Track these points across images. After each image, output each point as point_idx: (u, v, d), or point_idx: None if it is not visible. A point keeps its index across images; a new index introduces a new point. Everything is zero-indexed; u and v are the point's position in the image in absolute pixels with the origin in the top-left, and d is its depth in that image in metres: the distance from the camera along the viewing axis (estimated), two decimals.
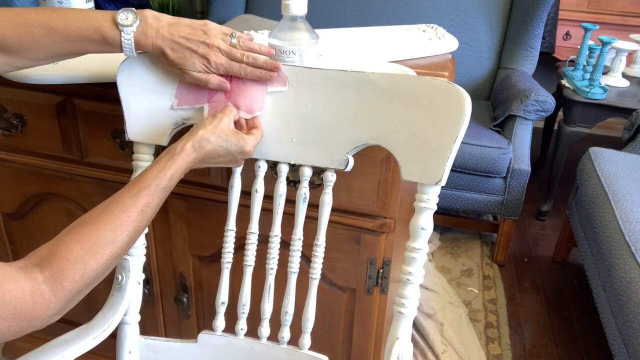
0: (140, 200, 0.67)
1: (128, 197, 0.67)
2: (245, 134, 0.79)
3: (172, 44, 0.73)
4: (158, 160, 0.71)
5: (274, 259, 0.84)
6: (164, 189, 0.70)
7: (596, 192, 1.66)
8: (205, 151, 0.73)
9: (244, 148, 0.76)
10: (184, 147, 0.72)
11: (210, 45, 0.73)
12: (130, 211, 0.66)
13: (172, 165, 0.70)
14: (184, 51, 0.73)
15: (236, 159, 0.78)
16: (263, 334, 0.87)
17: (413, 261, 0.76)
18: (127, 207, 0.66)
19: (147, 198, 0.68)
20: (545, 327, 1.80)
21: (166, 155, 0.72)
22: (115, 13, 0.71)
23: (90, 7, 1.11)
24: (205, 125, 0.74)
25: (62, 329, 0.83)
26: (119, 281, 0.84)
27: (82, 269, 0.60)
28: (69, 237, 0.62)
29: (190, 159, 0.72)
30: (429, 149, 0.72)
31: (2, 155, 1.13)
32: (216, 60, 0.74)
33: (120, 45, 0.72)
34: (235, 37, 0.75)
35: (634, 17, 2.96)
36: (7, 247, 1.27)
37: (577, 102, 2.15)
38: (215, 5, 2.52)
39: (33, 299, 0.56)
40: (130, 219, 0.65)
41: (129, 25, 0.71)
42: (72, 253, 0.60)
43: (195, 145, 0.72)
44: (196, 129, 0.74)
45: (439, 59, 1.10)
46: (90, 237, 0.62)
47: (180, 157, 0.71)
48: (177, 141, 0.73)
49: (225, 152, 0.76)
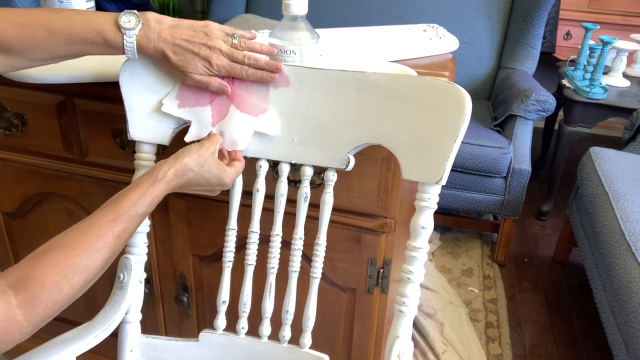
0: (117, 226, 0.66)
1: (106, 222, 0.66)
2: (227, 164, 0.80)
3: (174, 46, 0.73)
4: (139, 182, 0.70)
5: (274, 258, 0.84)
6: (142, 215, 0.69)
7: (597, 192, 1.66)
8: (186, 179, 0.74)
9: (224, 181, 0.77)
10: (166, 173, 0.71)
11: (211, 47, 0.73)
12: (107, 237, 0.65)
13: (152, 192, 0.70)
14: (186, 54, 0.73)
15: (214, 189, 0.79)
16: (264, 333, 0.87)
17: (413, 260, 0.76)
18: (104, 232, 0.65)
19: (125, 224, 0.67)
20: (546, 327, 1.80)
21: (148, 178, 0.71)
22: (117, 16, 0.71)
23: (91, 7, 1.11)
24: (191, 153, 0.74)
25: (62, 329, 0.83)
26: (120, 280, 0.84)
27: (57, 295, 0.60)
28: (45, 260, 0.61)
29: (171, 186, 0.72)
30: (429, 148, 0.73)
31: (3, 154, 1.13)
32: (218, 62, 0.74)
33: (122, 48, 0.72)
34: (236, 37, 0.75)
35: (635, 17, 2.96)
36: (7, 247, 1.27)
37: (577, 102, 2.15)
38: (215, 5, 2.52)
39: (6, 323, 0.56)
40: (106, 245, 0.65)
41: (132, 29, 0.71)
42: (48, 278, 0.59)
43: (178, 172, 0.72)
44: (182, 156, 0.73)
45: (440, 58, 1.10)
46: (66, 262, 0.61)
47: (162, 183, 0.71)
48: (160, 163, 0.73)
49: (205, 182, 0.76)
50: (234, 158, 0.81)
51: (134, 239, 0.85)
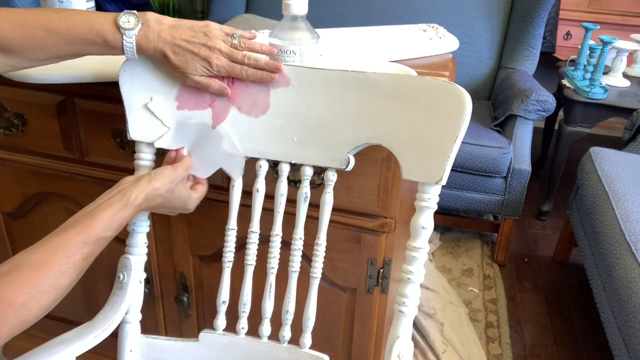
0: (86, 248, 0.65)
1: (75, 243, 0.65)
2: (191, 186, 0.81)
3: (173, 47, 0.72)
4: (110, 203, 0.70)
5: (274, 259, 0.84)
6: (109, 237, 0.69)
7: (597, 192, 1.66)
8: (155, 203, 0.74)
9: (188, 206, 0.80)
10: (138, 197, 0.71)
11: (211, 47, 0.73)
12: (75, 258, 0.64)
13: (122, 215, 0.69)
14: (186, 54, 0.73)
15: (175, 212, 0.81)
16: (264, 333, 0.87)
17: (414, 260, 0.76)
18: (74, 253, 0.64)
19: (93, 246, 0.66)
20: (546, 327, 1.80)
21: (120, 200, 0.70)
22: (117, 16, 0.71)
23: (91, 7, 1.11)
24: (163, 178, 0.74)
25: (62, 329, 0.83)
26: (120, 280, 0.84)
27: (24, 315, 0.60)
28: (14, 279, 0.60)
29: (140, 209, 0.73)
30: (429, 148, 0.73)
31: (3, 154, 1.13)
32: (217, 63, 0.74)
33: (121, 48, 0.72)
34: (236, 37, 0.75)
35: (635, 17, 2.96)
36: (7, 247, 1.27)
37: (577, 102, 2.15)
38: (215, 4, 2.52)
39: None
40: (74, 266, 0.64)
41: (131, 29, 0.71)
42: (17, 298, 0.59)
43: (149, 197, 0.73)
44: (154, 180, 0.73)
45: (440, 58, 1.10)
46: (36, 283, 0.61)
47: (132, 207, 0.71)
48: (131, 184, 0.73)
49: (171, 206, 0.77)
50: (198, 182, 0.83)
51: (133, 239, 0.86)
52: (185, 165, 0.79)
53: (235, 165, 0.82)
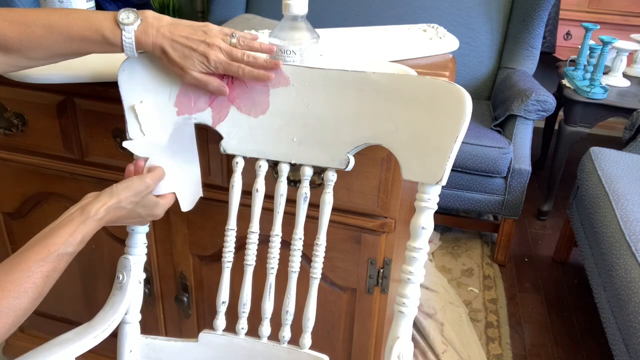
0: (46, 266, 0.64)
1: (34, 261, 0.63)
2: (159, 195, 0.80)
3: (172, 42, 0.73)
4: (70, 219, 0.69)
5: (274, 259, 0.84)
6: (71, 253, 0.67)
7: (597, 192, 1.66)
8: (118, 216, 0.73)
9: (155, 212, 0.79)
10: (98, 210, 0.70)
11: (210, 44, 0.73)
12: (35, 277, 0.63)
13: (83, 229, 0.68)
14: (184, 50, 0.73)
15: (144, 220, 0.80)
16: (264, 334, 0.87)
17: (414, 260, 0.76)
18: (33, 272, 0.63)
19: (54, 263, 0.65)
20: (546, 327, 1.80)
21: (79, 215, 0.69)
22: (117, 13, 0.71)
23: (91, 7, 1.11)
24: (127, 190, 0.73)
25: (63, 329, 0.83)
26: (119, 280, 0.84)
27: None
28: None
29: (102, 222, 0.71)
30: (429, 148, 0.72)
31: (3, 154, 1.13)
32: (215, 58, 0.74)
33: (121, 45, 0.72)
34: (235, 37, 0.75)
35: (635, 16, 2.96)
36: (7, 247, 1.27)
37: (577, 102, 2.15)
38: (215, 4, 2.52)
39: None
40: (35, 286, 0.62)
41: (130, 24, 0.71)
42: None
43: (110, 210, 0.72)
44: (116, 193, 0.73)
45: (440, 58, 1.10)
46: None
47: (92, 221, 0.69)
48: (93, 198, 0.72)
49: (137, 216, 0.77)
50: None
51: (133, 239, 0.86)
52: (154, 177, 0.78)
53: (192, 196, 0.85)
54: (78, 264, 1.20)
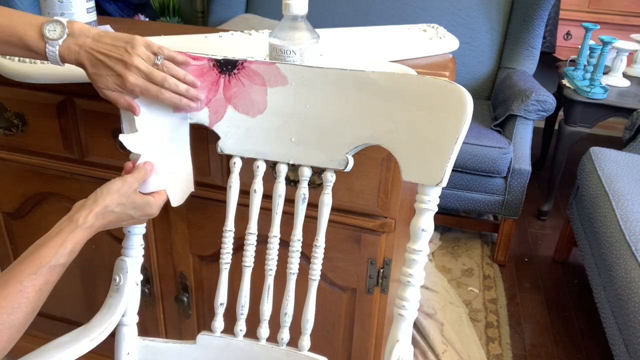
0: (38, 279, 0.63)
1: (26, 275, 0.63)
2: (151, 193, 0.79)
3: (91, 58, 0.72)
4: (59, 230, 0.68)
5: (273, 260, 0.84)
6: (63, 264, 0.67)
7: (597, 192, 1.66)
8: (108, 220, 0.73)
9: (149, 212, 0.77)
10: (86, 218, 0.70)
11: (128, 64, 0.71)
12: (28, 291, 0.62)
13: (73, 239, 0.68)
14: (100, 68, 0.72)
15: (139, 220, 0.79)
16: (262, 335, 0.87)
17: (413, 263, 0.75)
18: (25, 287, 0.62)
19: (46, 276, 0.64)
20: (546, 327, 1.80)
21: (68, 225, 0.69)
22: (44, 22, 0.71)
23: (91, 7, 1.10)
24: (111, 193, 0.73)
25: (62, 329, 0.83)
26: (116, 282, 0.84)
27: None
28: None
29: (93, 230, 0.71)
30: (429, 149, 0.72)
31: (3, 154, 1.13)
32: (132, 81, 0.72)
33: (44, 55, 0.72)
34: (160, 60, 0.74)
35: (635, 16, 2.95)
36: (7, 247, 1.27)
37: (577, 102, 2.15)
38: (215, 4, 2.52)
39: None
40: (28, 300, 0.62)
41: (55, 39, 0.71)
42: None
43: (99, 215, 0.71)
44: (101, 197, 0.72)
45: (440, 58, 1.10)
46: None
47: (82, 230, 0.69)
48: (79, 206, 0.71)
49: (129, 218, 0.76)
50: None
51: (129, 240, 0.85)
52: (137, 176, 0.77)
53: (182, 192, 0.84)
54: (78, 264, 1.20)
